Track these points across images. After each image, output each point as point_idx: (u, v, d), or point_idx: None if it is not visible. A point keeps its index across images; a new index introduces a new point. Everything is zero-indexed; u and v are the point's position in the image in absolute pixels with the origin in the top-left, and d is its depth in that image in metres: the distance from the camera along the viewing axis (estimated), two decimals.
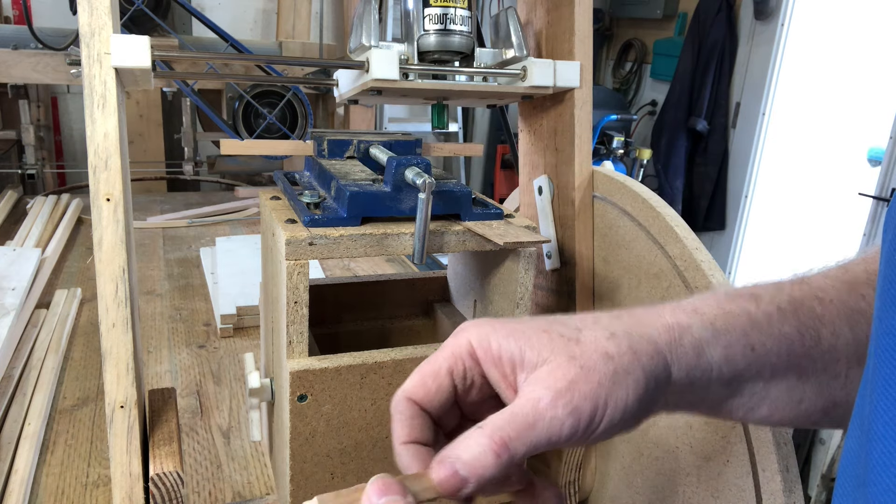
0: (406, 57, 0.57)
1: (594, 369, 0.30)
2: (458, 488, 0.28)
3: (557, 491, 0.35)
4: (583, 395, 0.29)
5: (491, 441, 0.28)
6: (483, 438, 0.28)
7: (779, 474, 0.46)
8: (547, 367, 0.30)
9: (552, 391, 0.29)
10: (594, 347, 0.30)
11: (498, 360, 0.32)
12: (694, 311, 0.33)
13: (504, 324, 0.33)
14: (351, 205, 0.48)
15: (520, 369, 0.31)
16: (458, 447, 0.29)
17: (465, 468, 0.28)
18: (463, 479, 0.28)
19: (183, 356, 1.07)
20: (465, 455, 0.28)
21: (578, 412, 0.29)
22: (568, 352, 0.30)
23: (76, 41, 1.27)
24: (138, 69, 0.50)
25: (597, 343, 0.31)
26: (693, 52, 3.15)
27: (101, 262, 0.49)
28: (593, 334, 0.31)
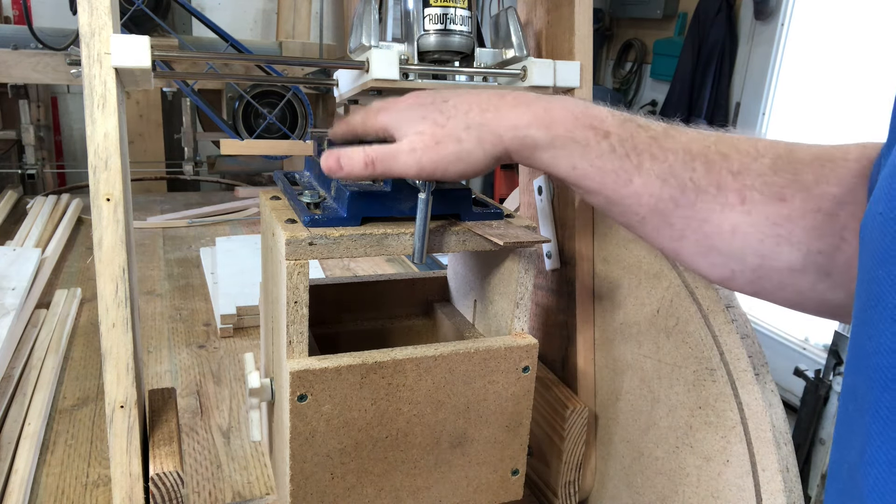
0: (406, 57, 0.57)
1: (446, 148, 0.44)
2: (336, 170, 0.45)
3: None
4: (430, 157, 0.44)
5: (365, 156, 0.45)
6: (362, 153, 0.45)
7: (779, 474, 0.46)
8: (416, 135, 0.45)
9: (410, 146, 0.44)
10: (452, 133, 0.44)
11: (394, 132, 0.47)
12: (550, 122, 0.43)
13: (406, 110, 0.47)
14: (351, 205, 0.49)
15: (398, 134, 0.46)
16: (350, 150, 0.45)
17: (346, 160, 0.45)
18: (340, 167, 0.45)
19: (183, 356, 1.07)
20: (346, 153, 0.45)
21: (423, 168, 0.44)
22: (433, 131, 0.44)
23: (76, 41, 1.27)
24: (138, 69, 0.50)
25: (455, 130, 0.44)
26: (693, 52, 3.15)
27: (101, 262, 0.49)
28: (456, 123, 0.44)
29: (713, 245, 0.41)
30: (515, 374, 0.54)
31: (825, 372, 1.94)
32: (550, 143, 0.43)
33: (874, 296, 0.26)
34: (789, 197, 0.39)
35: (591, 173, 0.43)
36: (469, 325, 0.63)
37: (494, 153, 0.44)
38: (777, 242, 0.39)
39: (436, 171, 0.44)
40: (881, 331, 0.25)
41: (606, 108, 0.44)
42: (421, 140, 0.44)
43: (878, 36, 2.49)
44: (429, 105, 0.46)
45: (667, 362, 0.56)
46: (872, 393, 0.25)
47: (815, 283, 0.39)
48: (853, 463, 0.26)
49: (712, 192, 0.40)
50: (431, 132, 0.44)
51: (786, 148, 0.41)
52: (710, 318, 0.52)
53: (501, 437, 0.56)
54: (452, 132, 0.44)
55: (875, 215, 0.27)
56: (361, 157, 0.45)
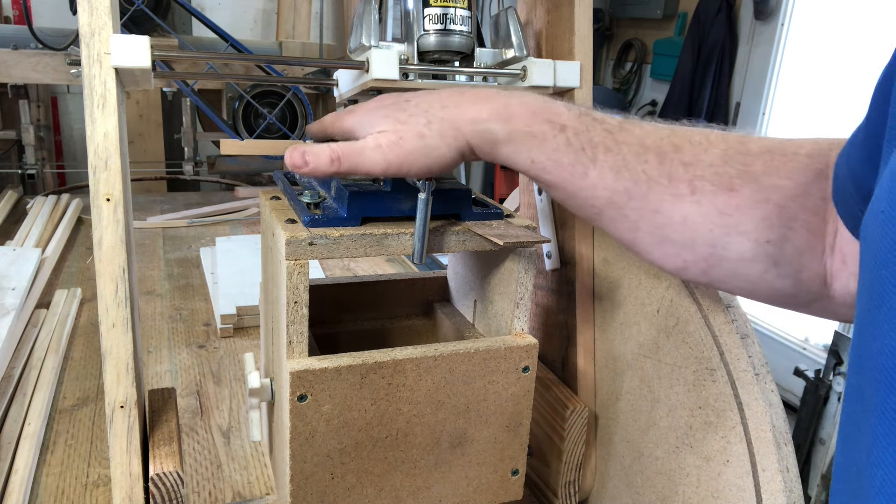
0: (406, 57, 0.57)
1: (408, 141, 0.44)
2: (301, 165, 0.45)
3: None
4: (395, 153, 0.44)
5: (331, 152, 0.44)
6: (328, 150, 0.44)
7: (779, 474, 0.46)
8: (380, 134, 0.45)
9: (375, 142, 0.44)
10: (413, 128, 0.44)
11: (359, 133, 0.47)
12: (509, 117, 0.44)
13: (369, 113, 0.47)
14: (351, 205, 0.49)
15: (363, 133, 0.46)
16: (316, 146, 0.45)
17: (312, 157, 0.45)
18: (305, 163, 0.45)
19: (183, 356, 1.07)
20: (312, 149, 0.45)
21: (389, 164, 0.44)
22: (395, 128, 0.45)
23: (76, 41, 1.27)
24: (138, 69, 0.50)
25: (416, 126, 0.45)
26: (693, 52, 3.15)
27: (101, 262, 0.49)
28: (416, 119, 0.45)
29: (666, 235, 0.42)
30: (515, 374, 0.54)
31: (825, 372, 1.94)
32: (509, 138, 0.44)
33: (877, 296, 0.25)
34: (738, 187, 0.40)
35: (549, 166, 0.44)
36: (469, 325, 0.63)
37: (457, 146, 0.45)
38: (727, 232, 0.40)
39: (402, 166, 0.44)
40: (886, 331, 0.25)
41: (564, 104, 0.46)
42: (385, 137, 0.45)
43: (878, 36, 2.49)
44: (391, 106, 0.47)
45: (667, 362, 0.56)
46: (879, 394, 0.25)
47: (765, 272, 0.41)
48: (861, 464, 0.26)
49: (664, 183, 0.41)
50: (394, 128, 0.45)
51: (737, 140, 0.42)
52: (710, 318, 0.52)
53: (501, 437, 0.56)
54: (414, 128, 0.45)
55: (877, 214, 0.26)
56: (327, 153, 0.45)
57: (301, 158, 0.45)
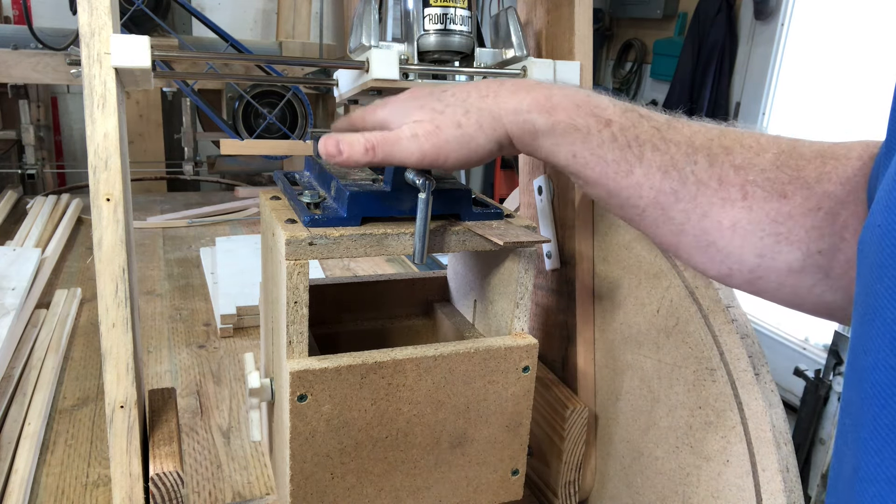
0: (406, 57, 0.57)
1: (445, 130, 0.43)
2: (335, 154, 0.44)
3: None
4: (431, 143, 0.43)
5: (366, 141, 0.44)
6: (362, 139, 0.44)
7: (779, 474, 0.46)
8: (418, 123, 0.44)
9: (412, 132, 0.43)
10: (451, 118, 0.43)
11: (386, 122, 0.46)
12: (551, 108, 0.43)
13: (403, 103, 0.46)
14: (351, 205, 0.49)
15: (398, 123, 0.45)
16: (350, 135, 0.44)
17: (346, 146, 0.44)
18: (339, 151, 0.44)
19: (183, 356, 1.07)
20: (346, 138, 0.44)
21: (424, 154, 0.43)
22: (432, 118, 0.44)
23: (76, 41, 1.27)
24: (138, 69, 0.50)
25: (454, 115, 0.44)
26: (693, 52, 3.15)
27: (101, 262, 0.49)
28: (454, 109, 0.44)
29: (712, 241, 0.40)
30: (515, 374, 0.54)
31: (825, 372, 1.94)
32: (551, 130, 0.42)
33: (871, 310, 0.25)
34: (791, 194, 0.38)
35: (592, 162, 0.42)
36: (469, 325, 0.63)
37: (495, 137, 0.44)
38: (777, 241, 0.38)
39: (438, 156, 0.43)
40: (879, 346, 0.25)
41: (608, 97, 0.44)
42: (421, 126, 0.43)
43: (878, 36, 2.49)
44: (426, 96, 0.46)
45: (667, 362, 0.56)
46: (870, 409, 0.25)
47: (814, 284, 0.38)
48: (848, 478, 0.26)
49: (713, 186, 0.39)
50: (430, 118, 0.44)
51: (789, 143, 0.40)
52: (710, 318, 0.52)
53: (501, 437, 0.56)
54: (452, 117, 0.43)
55: (874, 228, 0.26)
56: (362, 142, 0.44)
57: (335, 147, 0.44)
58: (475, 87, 0.45)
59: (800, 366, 2.03)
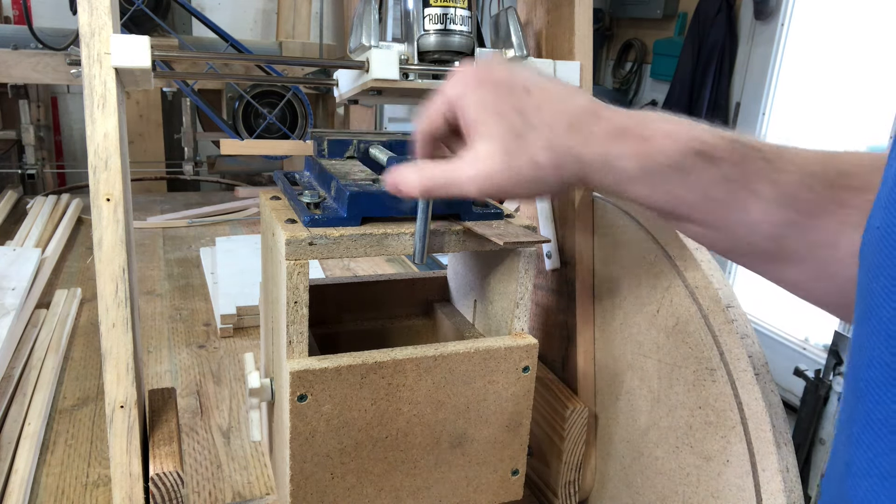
0: (406, 57, 0.57)
1: (518, 171, 0.38)
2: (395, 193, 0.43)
3: None
4: (495, 182, 0.39)
5: (421, 179, 0.41)
6: (416, 176, 0.42)
7: (779, 474, 0.46)
8: (486, 147, 0.39)
9: (475, 170, 0.39)
10: (530, 154, 0.38)
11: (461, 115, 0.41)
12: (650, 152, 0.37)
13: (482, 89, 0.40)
14: (351, 205, 0.48)
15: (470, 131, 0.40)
16: (406, 170, 0.42)
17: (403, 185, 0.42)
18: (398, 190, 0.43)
19: (183, 356, 1.07)
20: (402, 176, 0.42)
21: (485, 192, 0.40)
22: (506, 145, 0.38)
23: (76, 41, 1.27)
24: (138, 69, 0.50)
25: (533, 150, 0.38)
26: (693, 52, 3.15)
27: (101, 262, 0.49)
28: (536, 140, 0.38)
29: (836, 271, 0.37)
30: (515, 374, 0.54)
31: (825, 372, 1.94)
32: (648, 174, 0.38)
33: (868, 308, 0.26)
34: None
35: (698, 202, 0.38)
36: (469, 325, 0.63)
37: (570, 181, 0.39)
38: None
39: (499, 194, 0.40)
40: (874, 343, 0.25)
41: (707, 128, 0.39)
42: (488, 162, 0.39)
43: (878, 36, 2.49)
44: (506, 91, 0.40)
45: (667, 362, 0.56)
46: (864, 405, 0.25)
47: None
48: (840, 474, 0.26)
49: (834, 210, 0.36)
50: (504, 146, 0.38)
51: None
52: (710, 318, 0.52)
53: (501, 437, 0.56)
54: (530, 151, 0.38)
55: (873, 229, 0.26)
56: (418, 181, 0.41)
57: (394, 186, 0.43)
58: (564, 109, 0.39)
59: (800, 366, 2.03)
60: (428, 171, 0.41)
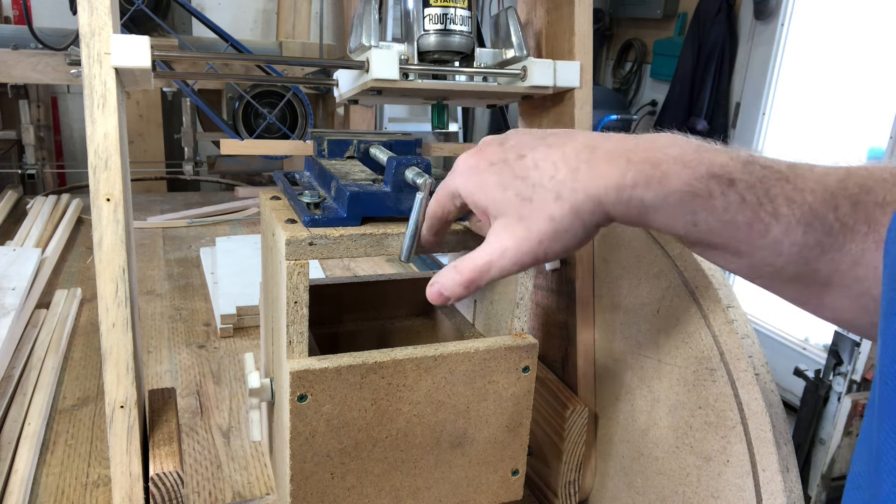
0: (406, 57, 0.57)
1: (540, 233, 0.38)
2: (443, 302, 0.44)
3: None
4: (524, 251, 0.39)
5: (461, 277, 0.42)
6: (457, 276, 0.42)
7: (779, 474, 0.46)
8: (502, 223, 0.40)
9: (502, 249, 0.40)
10: (541, 210, 0.38)
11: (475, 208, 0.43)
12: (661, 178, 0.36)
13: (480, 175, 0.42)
14: (351, 205, 0.48)
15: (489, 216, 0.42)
16: (443, 276, 0.43)
17: (446, 290, 0.43)
18: (445, 298, 0.43)
19: (183, 356, 1.07)
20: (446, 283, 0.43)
21: (521, 263, 0.40)
22: (519, 212, 0.39)
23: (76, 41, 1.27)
24: (138, 69, 0.50)
25: (544, 205, 0.38)
26: (693, 52, 3.15)
27: (101, 262, 0.49)
28: (543, 196, 0.38)
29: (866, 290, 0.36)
30: (515, 374, 0.54)
31: (825, 372, 1.94)
32: (664, 203, 0.36)
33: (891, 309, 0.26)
34: None
35: (719, 228, 0.36)
36: (469, 325, 0.63)
37: (595, 222, 0.38)
38: None
39: (536, 259, 0.40)
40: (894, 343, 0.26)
41: (718, 148, 0.38)
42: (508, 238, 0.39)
43: (878, 36, 2.49)
44: (502, 166, 0.40)
45: (667, 362, 0.56)
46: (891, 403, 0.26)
47: None
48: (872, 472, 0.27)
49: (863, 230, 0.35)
50: (517, 215, 0.39)
51: None
52: (710, 318, 0.52)
53: (501, 437, 0.56)
54: (542, 210, 0.38)
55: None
56: (458, 280, 0.42)
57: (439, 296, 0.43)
58: (562, 156, 0.38)
59: (800, 366, 2.03)
60: (464, 268, 0.42)
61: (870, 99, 2.52)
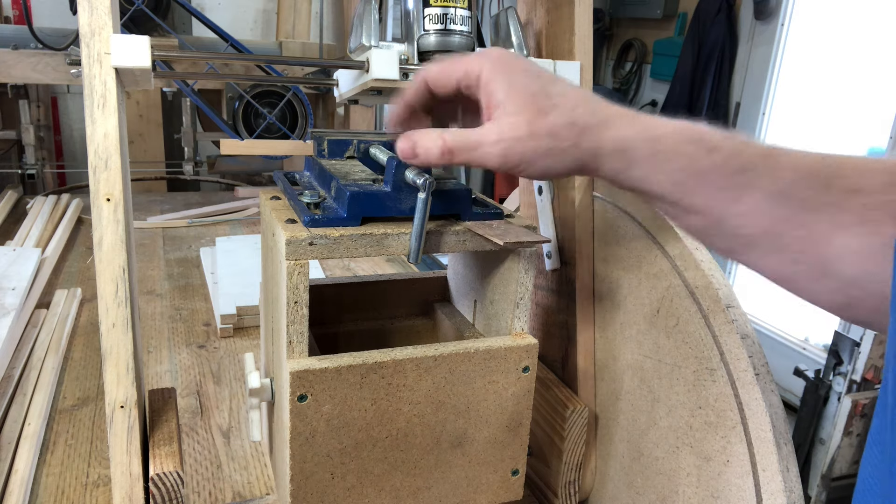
0: (406, 57, 0.57)
1: (540, 142, 0.40)
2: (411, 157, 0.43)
3: None
4: (517, 151, 0.40)
5: (444, 144, 0.41)
6: (440, 140, 0.42)
7: (779, 474, 0.46)
8: (511, 120, 0.41)
9: (498, 135, 0.40)
10: (552, 126, 0.40)
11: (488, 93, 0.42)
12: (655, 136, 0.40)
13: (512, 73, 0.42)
14: (351, 205, 0.48)
15: (496, 109, 0.42)
16: (423, 134, 0.42)
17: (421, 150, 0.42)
18: (415, 155, 0.43)
19: (183, 356, 1.07)
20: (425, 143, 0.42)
21: (506, 158, 0.41)
22: (531, 119, 0.40)
23: (76, 41, 1.27)
24: (138, 69, 0.50)
25: (556, 123, 0.40)
26: (693, 52, 3.15)
27: (101, 262, 0.49)
28: (559, 117, 0.40)
29: (829, 269, 0.38)
30: (515, 374, 0.54)
31: (825, 372, 1.94)
32: (652, 156, 0.40)
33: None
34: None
35: (697, 188, 0.39)
36: (469, 325, 0.63)
37: (584, 159, 0.41)
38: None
39: (520, 165, 0.41)
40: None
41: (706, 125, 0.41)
42: (512, 130, 0.41)
43: (878, 36, 2.49)
44: (535, 79, 0.42)
45: (667, 362, 0.56)
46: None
47: None
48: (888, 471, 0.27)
49: (831, 212, 0.37)
50: (530, 119, 0.41)
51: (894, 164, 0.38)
52: (710, 318, 0.52)
53: (501, 437, 0.56)
54: (553, 125, 0.40)
55: None
56: (439, 145, 0.42)
57: (411, 150, 0.43)
58: (586, 96, 0.42)
59: (800, 366, 2.03)
60: (451, 137, 0.41)
61: (870, 99, 2.52)
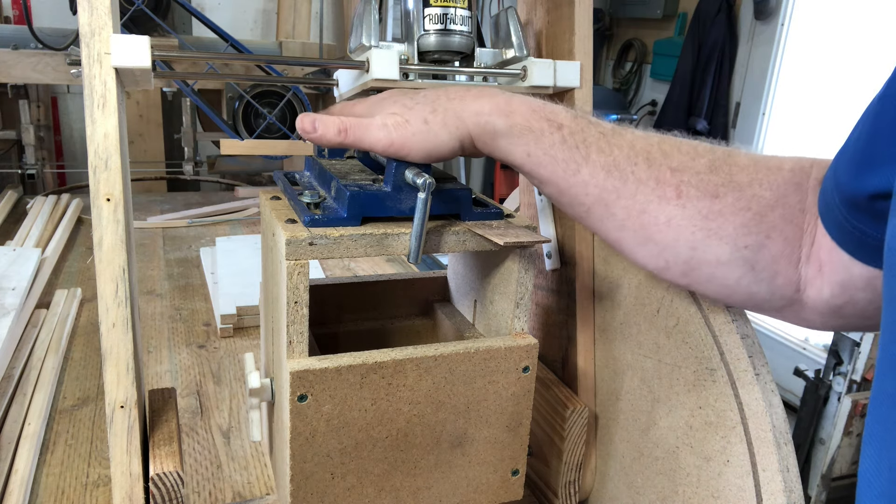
0: (406, 57, 0.57)
1: (414, 127, 0.47)
2: (310, 132, 0.48)
3: None
4: (398, 135, 0.47)
5: (340, 123, 0.48)
6: (338, 122, 0.48)
7: (779, 474, 0.46)
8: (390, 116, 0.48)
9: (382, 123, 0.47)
10: (420, 116, 0.47)
11: None
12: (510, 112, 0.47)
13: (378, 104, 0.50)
14: (351, 205, 0.49)
15: None
16: (327, 117, 0.48)
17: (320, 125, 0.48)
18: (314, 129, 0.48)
19: (183, 356, 1.07)
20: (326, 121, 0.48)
21: (391, 141, 0.47)
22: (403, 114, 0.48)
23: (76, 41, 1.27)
24: (138, 69, 0.50)
25: (422, 112, 0.47)
26: (693, 52, 3.15)
27: (101, 262, 0.49)
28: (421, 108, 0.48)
29: (650, 235, 0.45)
30: (515, 374, 0.54)
31: (825, 372, 1.94)
32: (509, 131, 0.47)
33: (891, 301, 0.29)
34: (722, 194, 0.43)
35: (545, 161, 0.47)
36: (469, 325, 0.63)
37: (458, 135, 0.47)
38: (707, 235, 0.43)
39: (403, 146, 0.47)
40: None
41: (563, 107, 0.48)
42: (392, 118, 0.47)
43: (878, 36, 2.49)
44: (400, 95, 0.51)
45: (667, 362, 0.56)
46: None
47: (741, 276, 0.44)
48: None
49: (651, 186, 0.44)
50: (401, 112, 0.48)
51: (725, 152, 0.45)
52: (710, 318, 0.52)
53: (501, 437, 0.56)
54: (420, 113, 0.47)
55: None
56: (336, 123, 0.48)
57: (311, 125, 0.48)
58: (444, 91, 0.50)
59: (800, 366, 2.03)
60: (345, 119, 0.48)
61: (870, 99, 2.51)
